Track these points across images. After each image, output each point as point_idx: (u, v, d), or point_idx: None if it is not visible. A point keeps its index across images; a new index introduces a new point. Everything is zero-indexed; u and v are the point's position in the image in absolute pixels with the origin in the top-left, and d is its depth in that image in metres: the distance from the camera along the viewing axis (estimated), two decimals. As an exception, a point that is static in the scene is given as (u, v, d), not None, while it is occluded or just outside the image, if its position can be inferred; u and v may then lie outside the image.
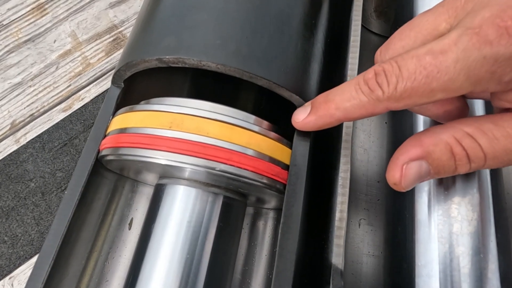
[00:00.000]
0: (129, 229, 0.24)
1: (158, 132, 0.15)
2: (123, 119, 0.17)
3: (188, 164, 0.15)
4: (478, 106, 0.18)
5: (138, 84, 0.20)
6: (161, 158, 0.15)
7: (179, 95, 0.18)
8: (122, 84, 0.19)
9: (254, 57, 0.16)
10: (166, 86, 0.21)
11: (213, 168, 0.15)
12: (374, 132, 0.30)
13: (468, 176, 0.17)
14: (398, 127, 0.27)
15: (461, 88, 0.11)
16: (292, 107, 0.18)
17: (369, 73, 0.13)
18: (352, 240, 0.26)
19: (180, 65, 0.16)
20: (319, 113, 0.15)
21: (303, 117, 0.16)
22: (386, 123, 0.30)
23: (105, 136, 0.18)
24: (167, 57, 0.15)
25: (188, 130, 0.15)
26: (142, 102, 0.18)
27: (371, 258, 0.26)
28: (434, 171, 0.13)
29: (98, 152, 0.18)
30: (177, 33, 0.16)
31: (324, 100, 0.15)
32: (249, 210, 0.25)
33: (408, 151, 0.13)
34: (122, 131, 0.17)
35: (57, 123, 0.33)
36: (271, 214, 0.26)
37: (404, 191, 0.14)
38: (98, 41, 0.37)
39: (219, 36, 0.15)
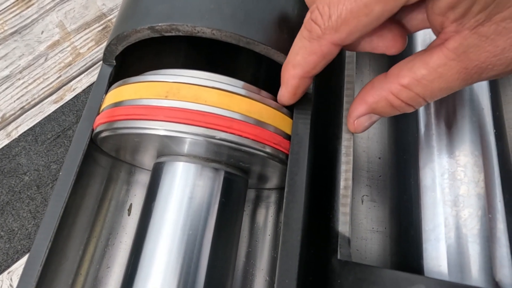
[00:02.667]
0: (129, 215, 0.23)
1: (154, 102, 0.15)
2: (117, 93, 0.17)
3: (187, 133, 0.15)
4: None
5: (131, 62, 0.20)
6: (159, 128, 0.15)
7: (175, 68, 0.17)
8: (114, 61, 0.19)
9: (250, 21, 0.15)
10: (161, 62, 0.20)
11: (213, 137, 0.15)
12: (373, 109, 0.30)
13: (473, 138, 0.17)
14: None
15: None
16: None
17: (306, 17, 0.13)
18: (356, 217, 0.26)
19: (173, 33, 0.15)
20: (285, 82, 0.15)
21: (279, 95, 0.16)
22: (384, 99, 0.30)
23: (98, 114, 0.17)
24: (159, 24, 0.15)
25: (185, 99, 0.15)
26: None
27: (375, 234, 0.25)
28: (381, 116, 0.15)
29: (92, 131, 0.17)
30: (168, -1, 0.15)
31: (284, 66, 0.15)
32: (250, 195, 0.25)
33: (356, 109, 0.15)
34: (117, 104, 0.16)
35: (49, 115, 0.32)
36: (272, 198, 0.25)
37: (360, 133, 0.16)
38: (87, 30, 0.36)
39: (213, 0, 0.15)
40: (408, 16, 0.14)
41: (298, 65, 0.14)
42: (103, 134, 0.17)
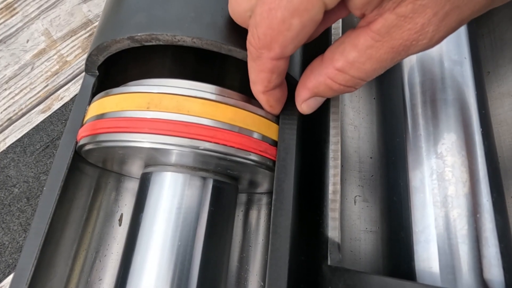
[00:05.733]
0: (120, 225, 0.23)
1: (136, 114, 0.15)
2: (99, 105, 0.16)
3: (170, 144, 0.14)
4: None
5: (114, 71, 0.19)
6: (141, 140, 0.14)
7: (158, 77, 0.17)
8: (97, 71, 0.18)
9: (231, 28, 0.15)
10: (144, 71, 0.20)
11: (197, 147, 0.15)
12: (363, 109, 0.30)
13: (460, 138, 0.17)
14: (386, 101, 0.26)
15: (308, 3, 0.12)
16: (276, 81, 0.17)
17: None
18: (349, 218, 0.25)
19: (154, 43, 0.15)
20: (257, 97, 0.16)
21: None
22: (374, 98, 0.30)
23: (82, 126, 0.17)
24: (139, 34, 0.14)
25: (168, 110, 0.14)
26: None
27: (368, 234, 0.25)
28: (325, 97, 0.16)
29: (76, 144, 0.17)
30: (148, 8, 0.15)
31: (250, 84, 0.16)
32: (242, 199, 0.25)
33: (300, 94, 0.16)
34: (99, 117, 0.16)
35: (37, 125, 0.32)
36: (264, 200, 0.25)
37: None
38: (73, 38, 0.35)
39: (192, 9, 0.15)
40: (334, 14, 0.15)
41: (255, 83, 0.15)
42: (87, 147, 0.16)
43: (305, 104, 0.16)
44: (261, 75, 0.14)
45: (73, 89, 0.33)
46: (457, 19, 0.12)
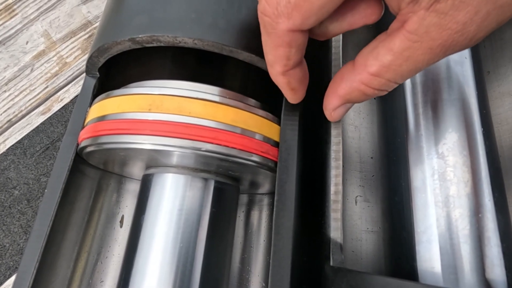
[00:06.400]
0: (121, 226, 0.23)
1: (137, 115, 0.15)
2: (100, 107, 0.16)
3: (171, 146, 0.14)
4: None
5: (115, 72, 0.19)
6: (143, 142, 0.14)
7: (159, 79, 0.17)
8: (97, 73, 0.18)
9: (232, 29, 0.15)
10: (147, 73, 0.20)
11: (199, 149, 0.15)
12: (364, 109, 0.30)
13: (461, 138, 0.17)
14: (387, 101, 0.26)
15: None
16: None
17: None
18: (350, 218, 0.25)
19: (155, 44, 0.15)
20: (277, 83, 0.15)
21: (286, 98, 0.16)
22: (375, 98, 0.30)
23: (83, 128, 0.17)
24: (140, 36, 0.14)
25: (169, 111, 0.14)
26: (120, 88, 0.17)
27: (370, 234, 0.25)
28: (356, 103, 0.15)
29: (77, 145, 0.17)
30: (148, 10, 0.15)
31: (268, 69, 0.15)
32: (243, 200, 0.25)
33: (331, 102, 0.15)
34: (100, 119, 0.16)
35: (37, 127, 0.32)
36: (265, 201, 0.25)
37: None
38: (73, 39, 0.35)
39: (193, 10, 0.15)
40: (357, 11, 0.14)
41: (273, 63, 0.14)
42: (88, 149, 0.16)
43: (336, 112, 0.15)
44: (278, 52, 0.13)
45: (73, 90, 0.33)
46: (497, 20, 0.11)
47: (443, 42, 0.12)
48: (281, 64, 0.14)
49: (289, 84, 0.15)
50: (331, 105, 0.15)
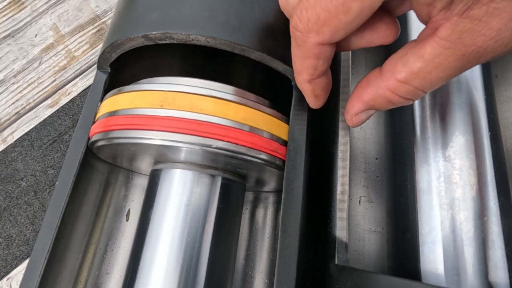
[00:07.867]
0: (127, 220, 0.23)
1: (149, 111, 0.15)
2: (112, 102, 0.16)
3: (183, 142, 0.15)
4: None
5: (126, 68, 0.20)
6: (155, 138, 0.15)
7: (169, 75, 0.17)
8: (109, 68, 0.18)
9: (245, 28, 0.15)
10: (156, 68, 0.20)
11: (209, 146, 0.15)
12: (370, 110, 0.30)
13: (468, 141, 0.17)
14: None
15: None
16: (287, 81, 0.17)
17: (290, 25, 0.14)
18: (354, 218, 0.26)
19: (167, 41, 0.15)
20: (302, 89, 0.15)
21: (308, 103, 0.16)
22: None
23: (94, 122, 0.17)
24: (153, 33, 0.15)
25: (181, 108, 0.15)
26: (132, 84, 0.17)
27: (373, 234, 0.25)
28: (378, 110, 0.15)
29: (88, 139, 0.17)
30: (162, 7, 0.15)
31: (294, 76, 0.15)
32: (249, 197, 0.25)
33: (354, 106, 0.15)
34: (112, 114, 0.16)
35: (44, 120, 0.32)
36: (270, 199, 0.25)
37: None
38: (81, 33, 0.35)
39: (207, 8, 0.15)
40: (392, 5, 0.14)
41: (301, 72, 0.15)
42: (99, 143, 0.17)
43: (357, 117, 0.15)
44: (306, 62, 0.14)
45: (81, 84, 0.34)
46: None
47: (476, 48, 0.11)
48: (308, 73, 0.14)
49: (314, 91, 0.15)
50: (353, 110, 0.15)
